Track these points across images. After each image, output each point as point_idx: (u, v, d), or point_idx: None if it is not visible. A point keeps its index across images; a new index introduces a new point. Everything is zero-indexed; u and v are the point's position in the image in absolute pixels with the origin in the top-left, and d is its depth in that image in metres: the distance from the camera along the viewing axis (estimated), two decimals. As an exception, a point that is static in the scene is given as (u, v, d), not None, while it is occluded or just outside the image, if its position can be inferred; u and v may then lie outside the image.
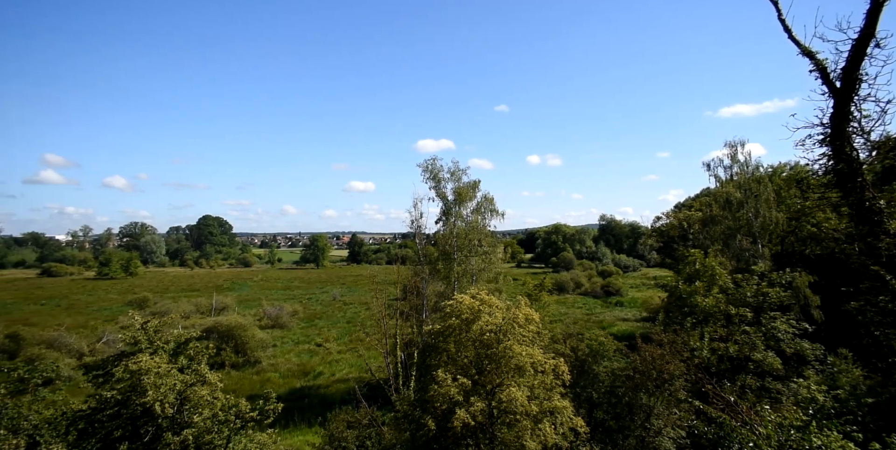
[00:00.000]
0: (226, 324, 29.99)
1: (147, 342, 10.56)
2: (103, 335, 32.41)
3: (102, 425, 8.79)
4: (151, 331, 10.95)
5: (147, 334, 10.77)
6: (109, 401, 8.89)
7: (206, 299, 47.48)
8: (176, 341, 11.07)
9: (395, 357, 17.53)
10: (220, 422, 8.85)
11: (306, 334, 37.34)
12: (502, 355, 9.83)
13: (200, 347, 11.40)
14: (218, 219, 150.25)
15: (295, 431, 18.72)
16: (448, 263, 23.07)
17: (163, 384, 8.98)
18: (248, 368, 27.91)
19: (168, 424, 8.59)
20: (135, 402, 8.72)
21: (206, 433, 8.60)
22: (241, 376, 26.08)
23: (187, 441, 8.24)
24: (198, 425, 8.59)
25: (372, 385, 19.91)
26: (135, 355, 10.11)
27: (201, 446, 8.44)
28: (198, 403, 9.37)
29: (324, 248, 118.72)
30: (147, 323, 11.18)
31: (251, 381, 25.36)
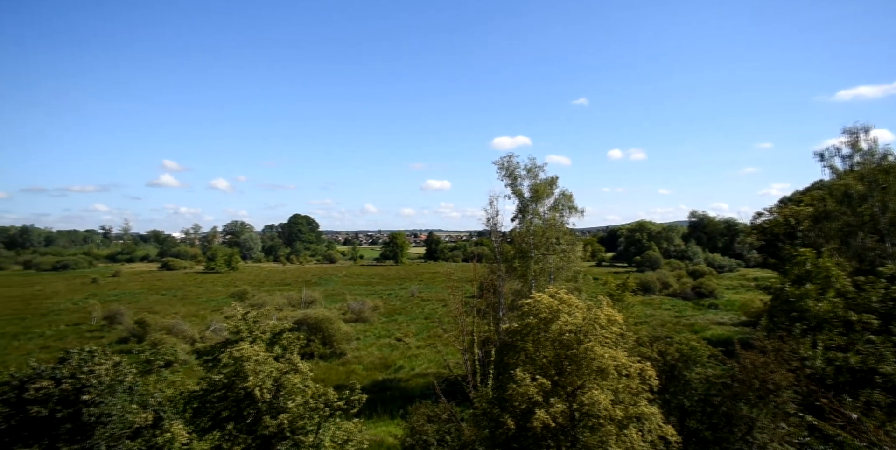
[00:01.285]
0: (314, 317, 31.96)
1: (247, 332, 11.54)
2: (211, 324, 35.99)
3: (213, 406, 9.76)
4: (251, 321, 11.95)
5: (247, 324, 11.77)
6: (217, 384, 9.84)
7: (296, 293, 50.95)
8: (272, 332, 12.00)
9: (472, 354, 17.63)
10: (312, 409, 9.45)
11: (387, 329, 38.73)
12: (583, 356, 9.49)
13: (293, 337, 12.26)
14: (306, 217, 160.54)
15: (378, 422, 19.52)
16: (525, 261, 22.74)
17: (261, 371, 9.77)
18: (334, 359, 29.54)
19: (266, 408, 9.34)
20: (238, 386, 9.57)
21: (300, 419, 9.22)
22: (328, 367, 27.67)
23: (283, 425, 8.89)
24: (292, 411, 9.24)
25: (450, 381, 20.21)
26: (237, 343, 11.08)
27: (295, 430, 9.07)
28: (291, 390, 10.07)
29: (402, 245, 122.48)
30: (247, 314, 12.22)
31: (337, 371, 26.82)
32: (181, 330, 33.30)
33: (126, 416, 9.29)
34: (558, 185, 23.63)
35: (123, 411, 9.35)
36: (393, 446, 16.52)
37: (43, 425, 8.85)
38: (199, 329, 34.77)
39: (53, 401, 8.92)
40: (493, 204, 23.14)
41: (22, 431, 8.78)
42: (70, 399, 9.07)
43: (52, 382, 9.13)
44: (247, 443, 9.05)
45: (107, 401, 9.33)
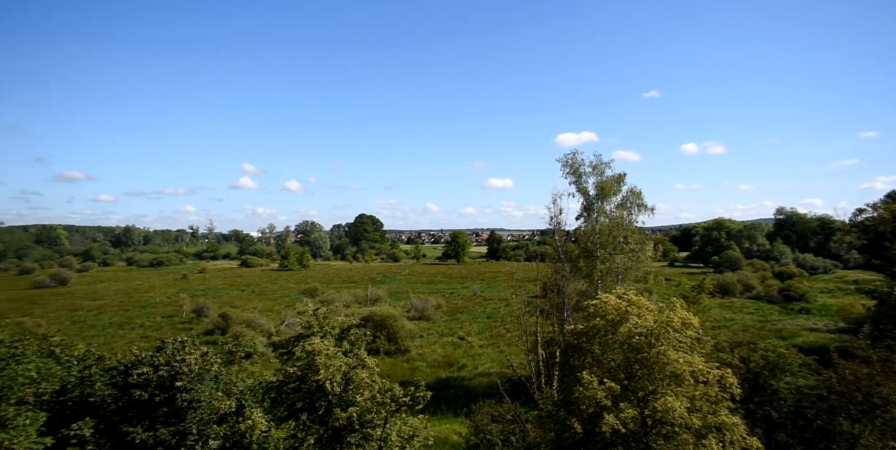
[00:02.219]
0: (379, 314, 32.91)
1: (318, 327, 12.08)
2: (285, 319, 38.15)
3: (288, 396, 10.33)
4: (321, 317, 12.50)
5: (318, 320, 12.32)
6: (292, 376, 10.39)
7: (362, 291, 52.72)
8: (340, 327, 12.48)
9: (536, 355, 17.34)
10: (378, 403, 9.73)
11: (449, 327, 39.05)
12: (655, 360, 9.02)
13: (360, 333, 12.67)
14: (371, 217, 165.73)
15: (442, 419, 19.74)
16: (590, 260, 22.01)
17: (331, 365, 10.18)
18: (398, 355, 30.24)
19: (336, 401, 9.73)
20: (311, 378, 10.04)
21: (367, 413, 9.53)
22: (392, 363, 28.37)
23: (352, 418, 9.23)
24: (360, 405, 9.56)
25: (514, 381, 20.00)
26: (309, 337, 11.63)
27: (364, 423, 9.38)
28: (359, 384, 10.42)
29: (464, 244, 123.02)
30: (317, 310, 12.79)
31: (402, 368, 27.43)
32: (259, 324, 35.57)
33: (213, 402, 10.07)
34: (626, 181, 22.64)
35: (211, 397, 10.15)
36: (457, 443, 16.63)
37: (144, 408, 9.82)
38: (274, 323, 36.97)
39: (152, 386, 9.87)
40: (556, 202, 22.61)
41: (128, 411, 9.79)
42: (166, 385, 9.98)
43: (150, 368, 10.10)
44: (319, 434, 9.49)
45: (196, 388, 10.18)
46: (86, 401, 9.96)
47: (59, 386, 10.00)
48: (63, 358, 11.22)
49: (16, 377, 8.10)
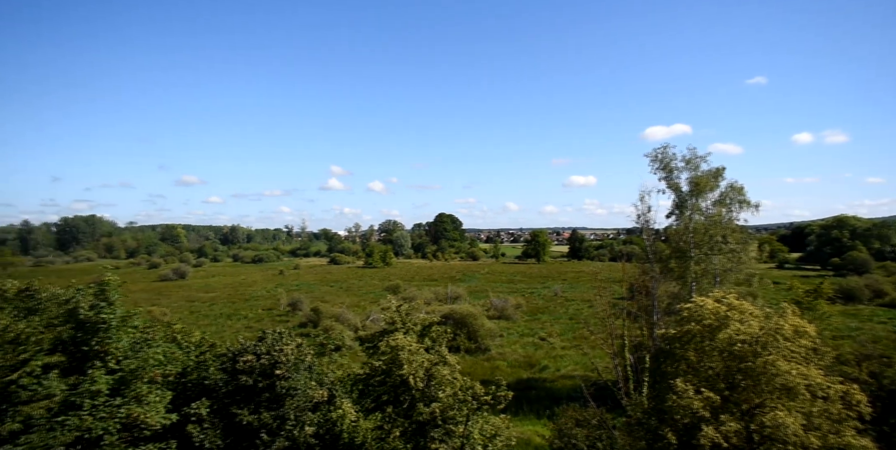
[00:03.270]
0: (459, 312, 33.23)
1: (401, 323, 12.48)
2: (370, 314, 39.92)
3: (374, 389, 10.80)
4: (404, 314, 12.90)
5: (400, 316, 12.72)
6: (377, 369, 10.85)
7: (442, 289, 53.59)
8: (422, 324, 12.79)
9: (623, 359, 16.50)
10: (460, 401, 9.83)
11: (530, 327, 38.45)
12: (762, 371, 8.20)
13: (441, 331, 12.89)
14: (450, 216, 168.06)
15: (524, 420, 19.50)
16: (683, 261, 20.48)
17: (414, 361, 10.47)
18: (478, 354, 30.35)
19: (420, 396, 10.00)
20: (395, 373, 10.40)
21: (450, 409, 9.67)
22: (473, 361, 28.53)
23: (435, 413, 9.43)
24: (443, 401, 9.74)
25: (599, 385, 19.21)
26: (393, 333, 12.05)
27: (446, 419, 9.54)
28: (441, 381, 10.60)
29: (544, 243, 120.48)
30: (400, 307, 13.22)
31: (482, 367, 27.48)
32: (346, 318, 37.57)
33: (308, 391, 10.82)
34: (725, 176, 20.78)
35: (306, 386, 10.91)
36: (540, 446, 16.34)
37: (249, 392, 10.79)
38: (360, 318, 38.83)
39: (256, 373, 10.82)
40: (644, 199, 21.31)
41: (236, 395, 10.83)
42: (267, 372, 10.89)
43: (254, 356, 11.08)
44: (404, 427, 9.82)
45: (293, 376, 10.99)
46: (202, 383, 11.16)
47: (180, 369, 11.30)
48: (183, 344, 12.65)
49: (147, 359, 9.29)
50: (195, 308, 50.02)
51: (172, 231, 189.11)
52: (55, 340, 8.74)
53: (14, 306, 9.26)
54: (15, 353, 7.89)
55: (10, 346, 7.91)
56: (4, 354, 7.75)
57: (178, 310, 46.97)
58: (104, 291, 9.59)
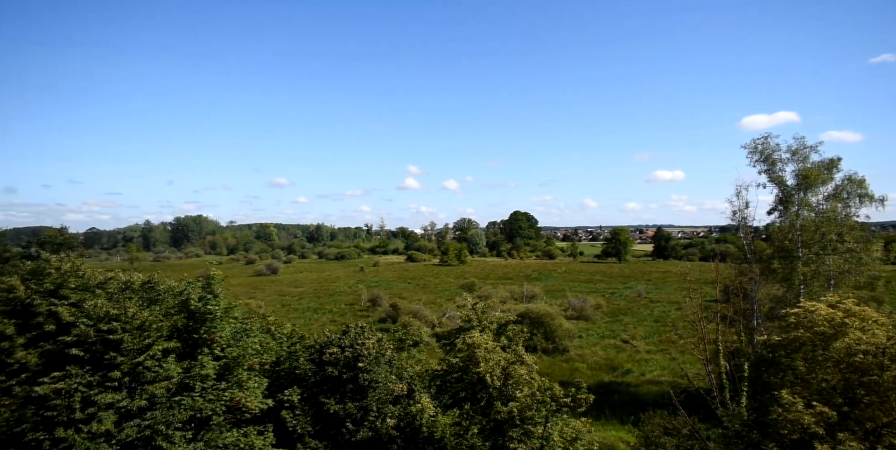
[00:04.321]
0: (536, 311, 32.66)
1: (477, 321, 12.51)
2: (446, 311, 40.50)
3: (451, 385, 10.94)
4: (479, 311, 12.93)
5: (476, 314, 12.76)
6: (454, 366, 10.97)
7: (517, 287, 53.01)
8: (498, 323, 12.74)
9: (717, 366, 15.26)
10: (538, 401, 9.67)
11: (611, 329, 36.87)
12: (891, 386, 7.19)
13: (517, 329, 12.76)
14: (525, 214, 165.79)
15: (606, 425, 18.76)
16: (788, 262, 18.52)
17: (490, 359, 10.46)
18: (556, 355, 29.64)
19: (497, 394, 9.97)
20: (472, 370, 10.45)
21: (528, 409, 9.54)
22: (550, 362, 27.92)
23: (513, 413, 9.36)
24: (520, 401, 9.63)
25: (689, 392, 17.95)
26: (469, 330, 12.12)
27: (524, 419, 9.43)
28: (518, 380, 10.49)
29: (626, 242, 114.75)
30: (476, 304, 13.26)
31: (560, 368, 26.81)
32: (423, 315, 38.42)
33: (388, 384, 11.22)
34: (840, 167, 18.48)
35: (386, 379, 11.32)
36: (623, 453, 15.63)
37: (335, 383, 11.42)
38: (436, 315, 39.53)
39: (340, 364, 11.42)
40: (740, 194, 19.54)
41: (323, 385, 11.51)
42: (350, 364, 11.45)
43: (338, 349, 11.70)
44: (482, 424, 9.85)
45: (374, 369, 11.45)
46: (293, 372, 11.99)
47: (274, 358, 12.22)
48: (277, 335, 13.66)
49: (247, 348, 10.16)
50: (286, 302, 53.83)
51: (266, 230, 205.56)
52: (171, 327, 9.84)
53: (139, 297, 10.56)
54: (141, 338, 9.01)
55: (137, 331, 9.04)
56: (133, 338, 8.88)
57: (271, 303, 50.81)
58: (210, 284, 10.63)
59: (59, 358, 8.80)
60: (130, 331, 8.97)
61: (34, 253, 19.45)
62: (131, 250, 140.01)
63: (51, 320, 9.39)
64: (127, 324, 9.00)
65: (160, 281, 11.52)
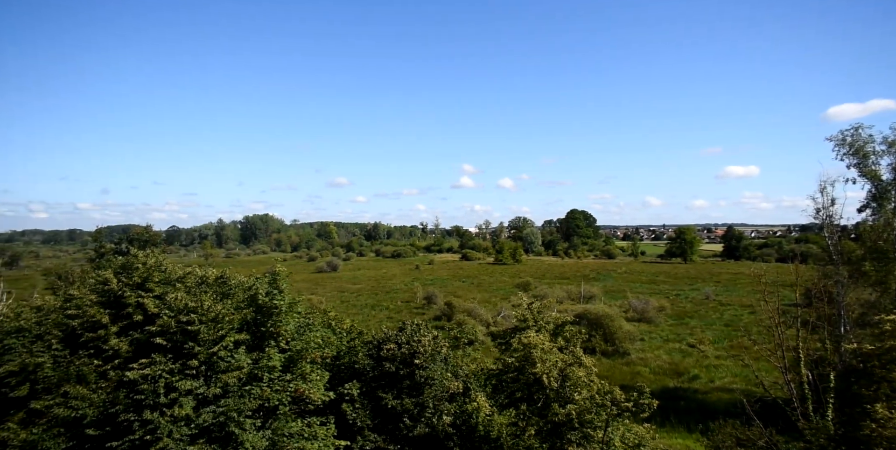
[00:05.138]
0: (594, 312, 31.69)
1: (532, 321, 12.32)
2: (500, 310, 40.24)
3: (507, 385, 10.85)
4: (535, 311, 12.72)
5: (532, 314, 12.56)
6: (510, 366, 10.87)
7: (574, 287, 51.68)
8: (554, 323, 12.48)
9: (798, 375, 14.08)
10: (598, 405, 9.37)
11: (676, 333, 35.07)
12: None
13: (574, 330, 12.43)
14: (583, 212, 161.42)
15: (672, 432, 17.89)
16: (884, 264, 16.74)
17: (547, 360, 10.26)
18: (616, 357, 28.60)
19: (554, 396, 9.77)
20: (528, 370, 10.31)
21: (587, 412, 9.28)
22: (610, 365, 26.99)
23: (571, 415, 9.13)
24: (579, 403, 9.38)
25: (765, 402, 16.70)
26: (524, 330, 11.96)
27: (583, 422, 9.18)
28: (577, 382, 10.22)
29: (692, 241, 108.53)
30: (532, 304, 13.06)
31: (621, 371, 25.86)
32: (478, 314, 38.39)
33: (444, 382, 11.30)
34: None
35: (442, 377, 11.41)
36: (690, 463, 14.82)
37: (392, 378, 11.66)
38: (491, 314, 39.36)
39: (397, 360, 11.64)
40: (825, 191, 17.85)
41: (381, 380, 11.79)
42: (407, 361, 11.64)
43: (395, 345, 11.92)
44: (539, 426, 9.69)
45: (430, 366, 11.57)
46: (352, 367, 12.37)
47: (335, 352, 12.66)
48: (337, 330, 14.15)
49: (309, 342, 10.61)
50: (345, 298, 55.73)
51: (326, 228, 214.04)
52: (242, 320, 10.46)
53: (213, 291, 11.31)
54: (215, 329, 9.65)
55: (212, 323, 9.69)
56: (208, 330, 9.53)
57: (332, 299, 52.77)
58: (276, 280, 11.19)
59: (145, 346, 9.63)
60: (206, 323, 9.63)
61: (124, 249, 21.36)
62: (206, 247, 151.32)
63: (138, 311, 10.29)
64: (203, 316, 9.68)
65: (231, 276, 12.28)
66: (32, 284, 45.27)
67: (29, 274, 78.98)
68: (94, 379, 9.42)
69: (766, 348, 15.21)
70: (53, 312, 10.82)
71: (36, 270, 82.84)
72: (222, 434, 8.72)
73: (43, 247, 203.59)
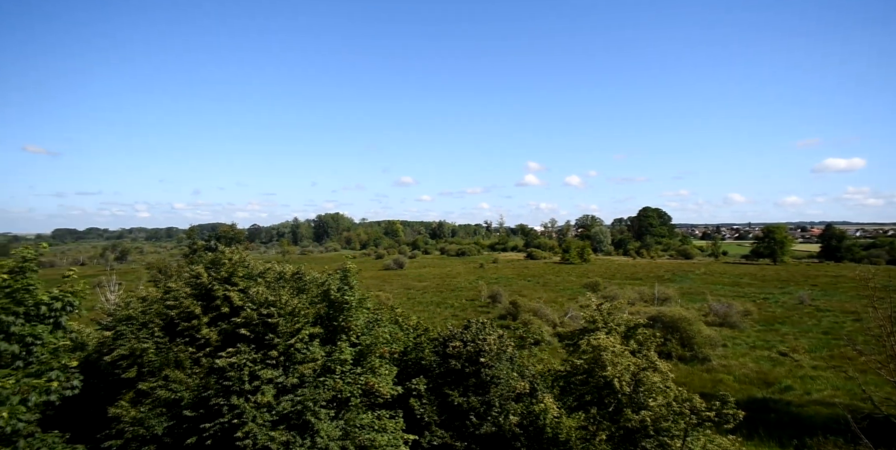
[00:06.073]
0: (669, 315, 29.97)
1: (602, 322, 11.87)
2: (568, 311, 39.17)
3: (576, 388, 10.54)
4: (605, 313, 12.25)
5: (601, 315, 12.11)
6: (579, 368, 10.55)
7: (647, 288, 49.13)
8: (626, 325, 11.94)
9: (914, 393, 12.43)
10: (675, 413, 8.84)
11: (764, 339, 32.26)
12: None
13: (648, 334, 11.83)
14: (657, 210, 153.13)
15: (761, 446, 16.52)
16: None
17: (619, 363, 9.84)
18: (695, 363, 26.85)
19: (627, 401, 9.35)
20: (598, 373, 9.95)
21: (663, 420, 8.79)
22: (688, 371, 25.40)
23: (646, 422, 8.69)
24: (654, 410, 8.91)
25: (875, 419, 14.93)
26: (593, 332, 11.56)
27: (659, 430, 8.70)
28: (651, 388, 9.72)
29: (783, 241, 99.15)
30: (601, 305, 12.59)
31: (701, 378, 24.25)
32: (544, 314, 37.62)
33: (510, 381, 11.20)
34: None
35: (508, 376, 11.31)
36: (781, 482, 13.58)
37: (458, 376, 11.74)
38: (558, 314, 38.43)
39: (463, 358, 11.69)
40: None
41: (447, 377, 11.91)
42: (472, 359, 11.66)
43: (461, 343, 11.98)
44: (611, 431, 9.32)
45: (496, 365, 11.51)
46: (419, 363, 12.60)
47: (402, 348, 12.97)
48: (403, 326, 14.48)
49: (378, 337, 10.96)
50: (411, 295, 56.94)
51: (393, 226, 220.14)
52: (316, 315, 11.01)
53: (290, 286, 12.01)
54: (292, 322, 10.25)
55: (289, 317, 10.30)
56: (286, 323, 10.15)
57: (398, 296, 54.14)
58: (347, 276, 11.66)
59: (231, 336, 10.42)
60: (284, 316, 10.25)
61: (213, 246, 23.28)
62: (283, 244, 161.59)
63: (225, 303, 11.17)
64: (281, 310, 10.31)
65: (306, 272, 12.97)
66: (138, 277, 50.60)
67: (135, 268, 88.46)
68: (189, 365, 10.36)
69: (876, 360, 13.66)
70: (155, 302, 12.01)
71: (140, 265, 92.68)
72: (300, 422, 9.23)
73: (146, 243, 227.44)
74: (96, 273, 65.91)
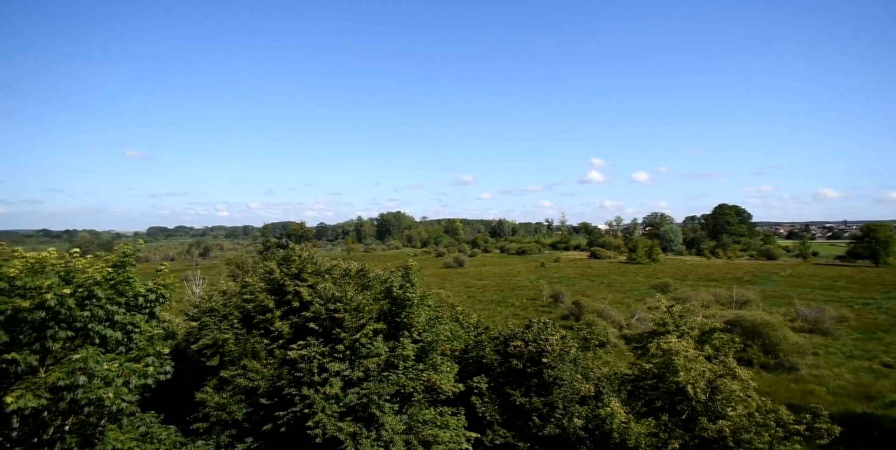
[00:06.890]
0: (750, 319, 27.84)
1: (673, 325, 11.24)
2: (635, 312, 37.48)
3: (645, 393, 10.06)
4: (676, 315, 11.58)
5: (672, 318, 11.47)
6: (648, 372, 10.06)
7: (724, 291, 45.93)
8: (700, 329, 11.23)
9: None
10: (758, 424, 8.19)
11: (864, 348, 29.11)
12: None
13: (726, 338, 11.07)
14: (735, 207, 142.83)
15: (859, 466, 14.95)
16: None
17: (692, 369, 9.28)
18: (780, 372, 24.75)
19: (702, 409, 8.79)
20: (669, 379, 9.44)
21: (744, 431, 8.18)
22: (773, 380, 23.46)
23: (724, 433, 8.13)
24: (733, 420, 8.31)
25: None
26: (664, 335, 10.97)
27: (740, 442, 8.10)
28: (729, 396, 9.09)
29: (887, 240, 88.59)
30: (672, 307, 11.92)
31: (787, 388, 22.31)
32: (609, 315, 36.25)
33: (574, 383, 10.90)
34: None
35: (571, 378, 11.02)
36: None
37: (520, 375, 11.60)
38: (624, 316, 36.88)
39: (525, 358, 11.54)
40: None
41: (508, 376, 11.81)
42: (534, 359, 11.48)
43: (522, 343, 11.83)
44: (684, 440, 8.81)
45: (559, 367, 11.25)
46: (480, 361, 12.60)
47: (463, 346, 13.03)
48: (464, 324, 14.54)
49: (439, 334, 11.08)
50: (471, 293, 57.03)
51: (453, 225, 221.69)
52: (379, 311, 11.32)
53: (355, 282, 12.44)
54: (357, 318, 10.61)
55: (354, 312, 10.68)
56: (352, 318, 10.53)
57: (458, 294, 54.40)
58: (408, 274, 11.88)
59: (302, 330, 10.97)
60: (350, 311, 10.63)
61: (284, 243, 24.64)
62: (348, 242, 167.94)
63: (296, 298, 11.77)
64: (347, 305, 10.70)
65: (370, 269, 13.38)
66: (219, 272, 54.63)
67: (216, 263, 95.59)
68: (265, 356, 11.04)
69: None
70: (234, 296, 12.91)
71: (221, 260, 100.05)
72: (366, 415, 9.55)
73: (225, 240, 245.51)
74: (184, 268, 72.08)
